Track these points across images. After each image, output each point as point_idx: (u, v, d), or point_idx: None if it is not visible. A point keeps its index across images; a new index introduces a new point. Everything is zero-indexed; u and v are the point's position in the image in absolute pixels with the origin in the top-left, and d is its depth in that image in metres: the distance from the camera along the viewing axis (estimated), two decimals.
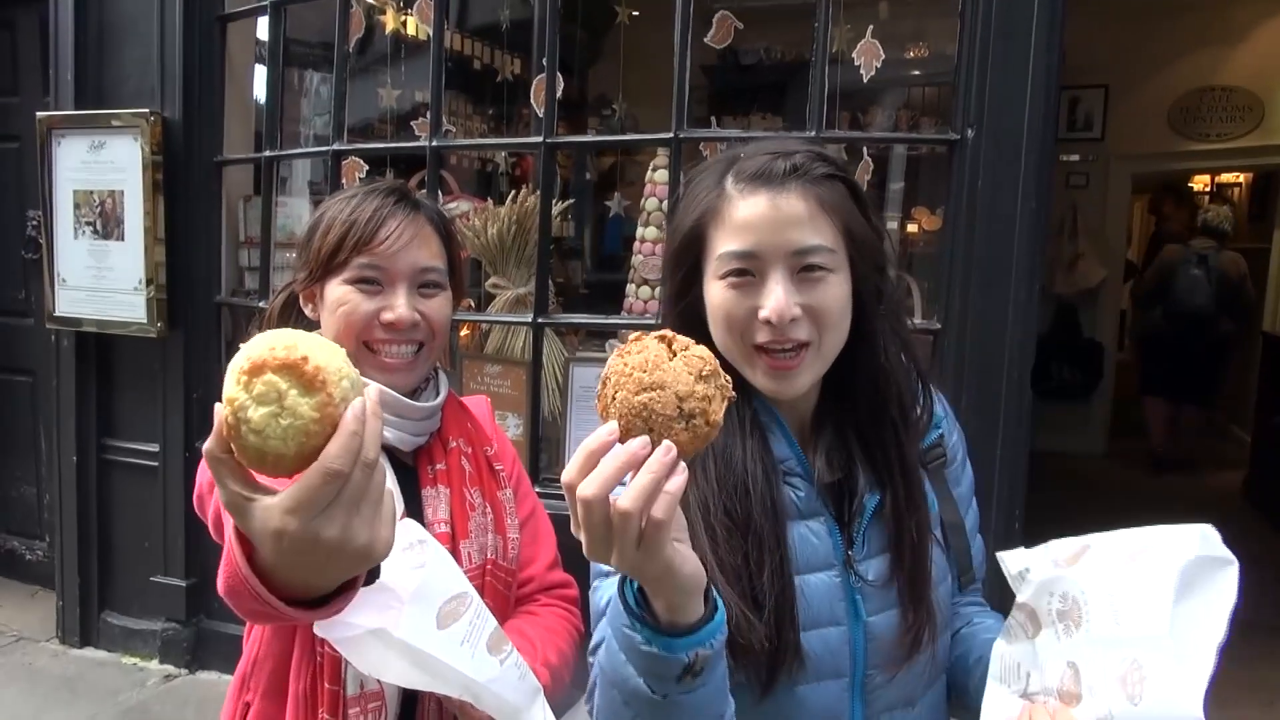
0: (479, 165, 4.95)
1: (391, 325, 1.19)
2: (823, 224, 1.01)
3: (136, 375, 3.43)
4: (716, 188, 1.05)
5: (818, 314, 1.01)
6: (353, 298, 1.19)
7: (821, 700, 1.06)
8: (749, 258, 1.01)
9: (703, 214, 1.05)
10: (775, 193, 1.00)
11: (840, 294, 1.02)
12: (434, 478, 1.26)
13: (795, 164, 1.02)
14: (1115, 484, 6.12)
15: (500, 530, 1.29)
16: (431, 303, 1.24)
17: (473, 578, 1.22)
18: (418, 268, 1.22)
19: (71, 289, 3.37)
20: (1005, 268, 2.36)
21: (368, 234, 1.18)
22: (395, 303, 1.19)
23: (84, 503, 3.50)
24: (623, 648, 0.85)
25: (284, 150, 3.25)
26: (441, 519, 1.24)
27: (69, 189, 3.35)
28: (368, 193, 1.24)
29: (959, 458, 1.21)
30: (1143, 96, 6.42)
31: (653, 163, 2.98)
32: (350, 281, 1.19)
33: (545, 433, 2.78)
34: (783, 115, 5.26)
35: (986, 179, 2.37)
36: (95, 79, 3.38)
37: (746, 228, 1.01)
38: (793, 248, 1.00)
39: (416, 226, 1.22)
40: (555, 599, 1.38)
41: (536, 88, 2.76)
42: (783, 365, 1.01)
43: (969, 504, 1.20)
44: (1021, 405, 2.40)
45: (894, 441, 1.08)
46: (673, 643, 0.82)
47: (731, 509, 1.02)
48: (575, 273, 5.31)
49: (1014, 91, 2.33)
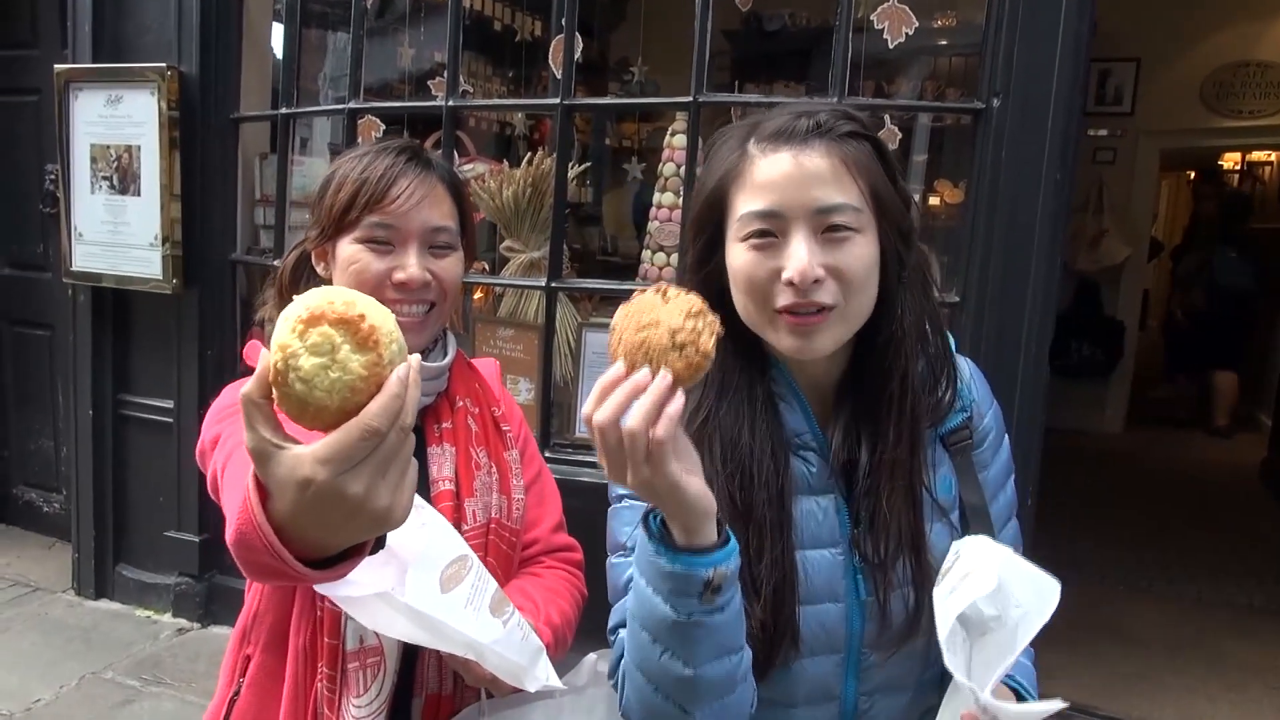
0: (497, 128, 4.91)
1: (403, 285, 1.18)
2: (847, 182, 0.98)
3: (152, 331, 3.44)
4: (739, 149, 1.02)
5: (842, 275, 0.97)
6: (363, 256, 1.18)
7: (815, 675, 1.06)
8: (771, 217, 0.98)
9: (724, 175, 1.03)
10: (798, 150, 0.98)
11: (866, 255, 0.99)
12: (440, 436, 1.26)
13: (819, 121, 0.99)
14: (1134, 463, 6.09)
15: (505, 490, 1.28)
16: (443, 263, 1.22)
17: (476, 536, 1.22)
18: (429, 227, 1.20)
19: (88, 244, 3.37)
20: (1027, 240, 2.32)
21: (379, 192, 1.17)
22: (407, 262, 1.18)
23: (100, 457, 3.53)
24: (649, 578, 0.92)
25: (300, 108, 3.22)
26: (446, 476, 1.23)
27: (86, 143, 3.35)
28: (380, 150, 1.22)
29: (989, 439, 1.16)
30: (1175, 71, 6.28)
31: (671, 127, 2.94)
32: (361, 240, 1.18)
33: (556, 397, 2.78)
34: (806, 83, 5.19)
35: (1011, 149, 2.32)
36: (113, 33, 3.36)
37: (768, 186, 0.98)
38: (816, 205, 0.97)
39: (428, 186, 1.21)
40: (559, 561, 1.38)
41: (555, 48, 2.73)
42: (805, 321, 0.98)
43: (1000, 487, 1.16)
44: (1038, 381, 2.37)
45: (890, 412, 1.04)
46: (693, 560, 0.89)
47: (733, 495, 1.02)
48: (592, 239, 5.28)
49: (1042, 59, 2.28)
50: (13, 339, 4.16)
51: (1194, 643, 3.52)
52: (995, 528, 1.14)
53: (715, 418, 1.05)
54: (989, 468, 1.15)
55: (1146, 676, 3.23)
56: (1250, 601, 3.92)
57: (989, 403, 1.18)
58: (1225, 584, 4.05)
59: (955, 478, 1.12)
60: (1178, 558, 4.35)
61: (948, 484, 1.11)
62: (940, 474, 1.10)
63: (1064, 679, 3.02)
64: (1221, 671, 3.29)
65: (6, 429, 4.21)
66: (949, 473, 1.11)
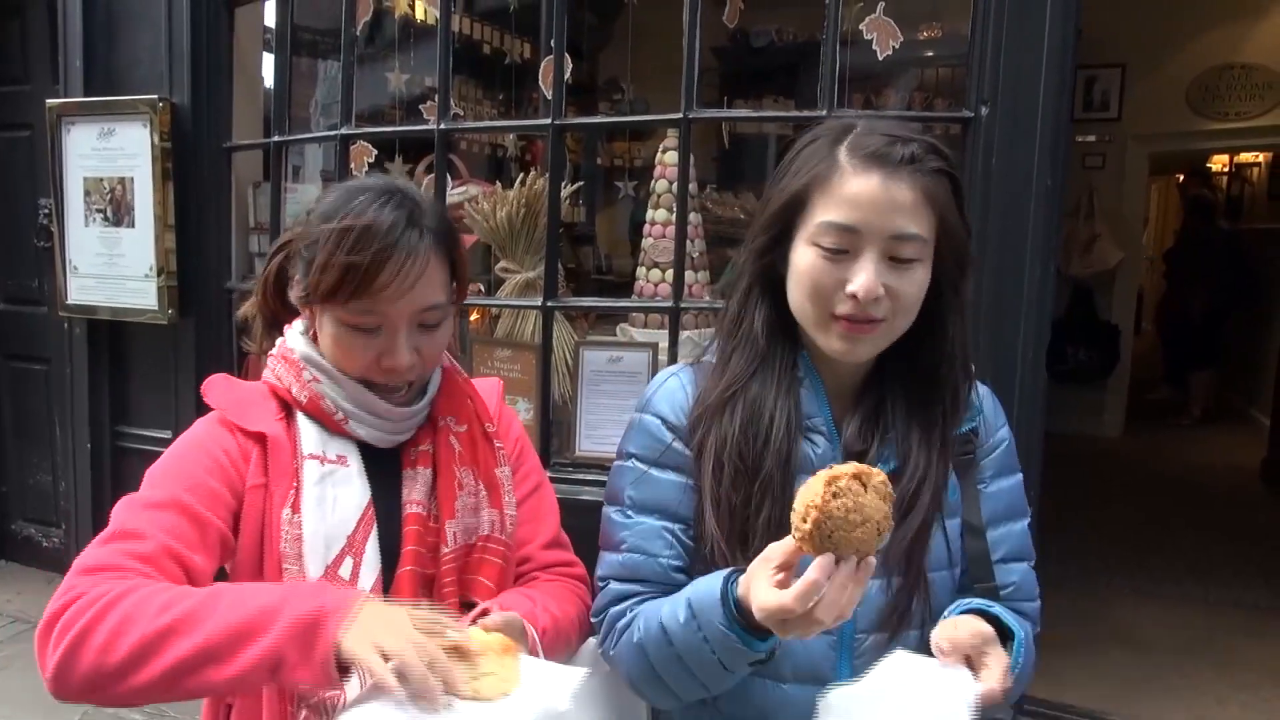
0: (489, 151, 4.94)
1: (390, 370, 1.17)
2: (923, 215, 1.05)
3: (149, 362, 3.44)
4: (829, 157, 1.07)
5: (897, 297, 1.05)
6: (350, 340, 1.15)
7: (805, 654, 1.10)
8: (849, 232, 1.05)
9: (811, 179, 1.08)
10: (888, 176, 1.04)
11: (922, 282, 1.07)
12: (415, 459, 1.25)
13: (913, 153, 1.04)
14: (1135, 466, 6.09)
15: (497, 505, 1.26)
16: (431, 337, 1.19)
17: (454, 558, 1.21)
18: (420, 308, 1.15)
19: (83, 276, 3.38)
20: (1020, 246, 2.33)
21: (367, 280, 1.10)
22: (394, 348, 1.15)
23: (99, 489, 3.52)
24: (708, 633, 1.01)
25: (292, 135, 3.23)
26: (415, 500, 1.22)
27: (79, 176, 3.35)
28: (377, 211, 1.13)
29: (995, 457, 1.20)
30: (1161, 75, 6.33)
31: (662, 144, 2.95)
32: (347, 323, 1.15)
33: (556, 416, 2.77)
34: (795, 98, 5.22)
35: (1001, 157, 2.33)
36: (104, 66, 3.38)
37: (854, 203, 1.04)
38: (892, 232, 1.04)
39: (422, 264, 1.13)
40: (557, 575, 1.34)
41: (544, 69, 2.74)
42: (858, 329, 1.06)
43: (1005, 517, 1.19)
44: (1036, 386, 2.37)
45: (937, 426, 1.11)
46: (760, 644, 0.99)
47: (745, 452, 1.09)
48: (587, 258, 5.30)
49: (1029, 66, 2.29)
50: (9, 374, 4.15)
51: (1202, 644, 3.50)
52: (993, 555, 1.16)
53: (744, 386, 1.13)
54: (988, 485, 1.18)
55: (1155, 679, 3.21)
56: (1257, 601, 3.91)
57: (1000, 426, 1.23)
58: (1232, 584, 4.04)
59: (959, 487, 1.15)
60: (1183, 559, 4.34)
61: (952, 487, 1.14)
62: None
63: (1072, 684, 3.01)
64: (1231, 672, 3.28)
65: (4, 464, 4.19)
66: (954, 478, 1.15)
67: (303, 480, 1.16)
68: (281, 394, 1.22)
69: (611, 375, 2.64)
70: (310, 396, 1.19)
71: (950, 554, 1.13)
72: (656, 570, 1.14)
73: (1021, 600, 1.17)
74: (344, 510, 1.17)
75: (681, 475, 1.15)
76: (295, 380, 1.20)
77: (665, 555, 1.14)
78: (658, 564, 1.14)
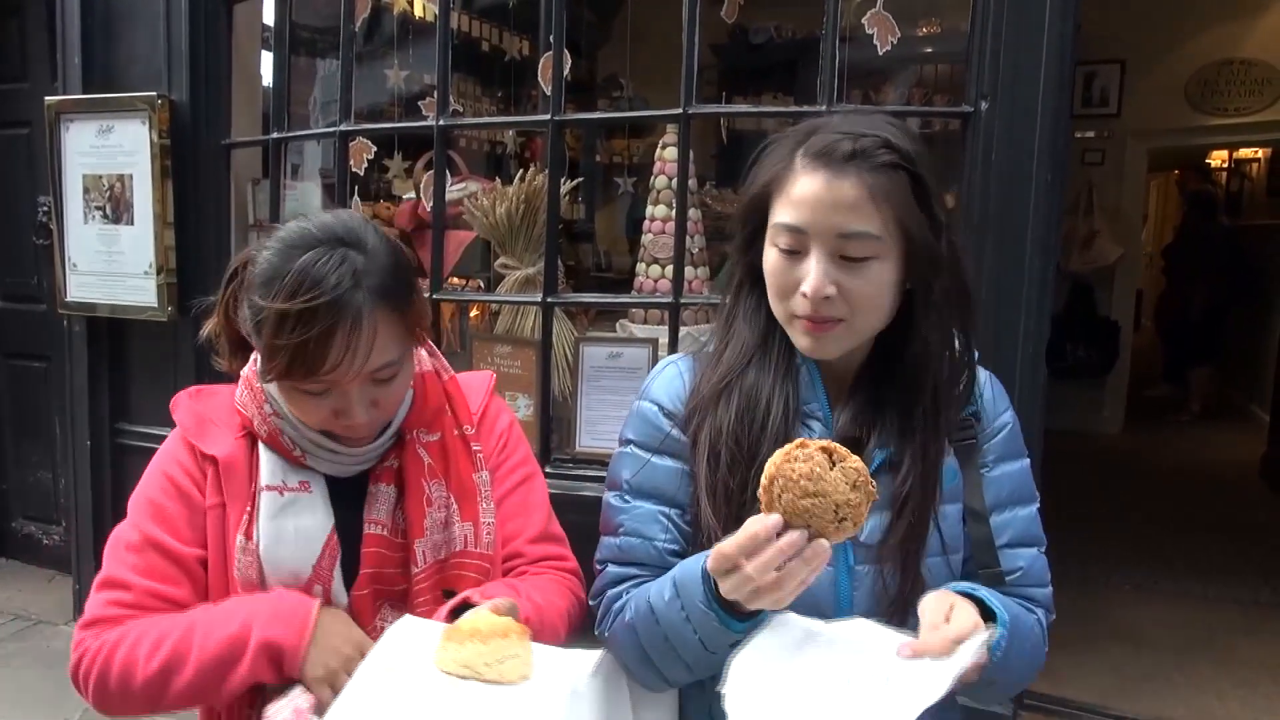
0: (488, 148, 4.94)
1: (348, 429, 1.15)
2: (870, 211, 1.03)
3: (148, 360, 3.43)
4: (787, 158, 1.08)
5: (851, 295, 1.04)
6: (306, 404, 1.12)
7: None
8: (798, 232, 1.05)
9: (769, 181, 1.09)
10: (833, 175, 1.03)
11: (880, 280, 1.05)
12: (379, 475, 1.23)
13: (859, 148, 1.03)
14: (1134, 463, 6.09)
15: (470, 517, 1.23)
16: (387, 389, 1.15)
17: (427, 576, 1.20)
18: (369, 372, 1.10)
19: (83, 274, 3.37)
20: (1020, 241, 2.33)
21: (317, 362, 1.05)
22: (349, 409, 1.11)
23: (99, 487, 3.52)
24: (690, 613, 1.03)
25: (291, 132, 3.23)
26: (375, 519, 1.21)
27: (78, 173, 3.35)
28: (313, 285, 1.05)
29: (998, 440, 1.19)
30: (1160, 71, 6.32)
31: (662, 140, 2.95)
32: (300, 391, 1.12)
33: (556, 412, 2.77)
34: (794, 95, 5.21)
35: (1001, 152, 2.33)
36: (103, 63, 3.37)
37: (801, 203, 1.05)
38: (838, 230, 1.03)
39: (370, 331, 1.07)
40: (548, 568, 1.31)
41: (544, 65, 2.74)
42: (817, 327, 1.07)
43: (1009, 503, 1.18)
44: (1036, 382, 2.37)
45: (924, 421, 1.10)
46: (737, 624, 1.00)
47: (742, 438, 1.10)
48: (586, 255, 5.30)
49: (1028, 61, 2.29)
50: (9, 372, 4.15)
51: (1202, 640, 3.51)
52: (998, 540, 1.15)
53: (739, 376, 1.14)
54: (992, 469, 1.17)
55: (1155, 675, 3.22)
56: (1257, 597, 3.91)
57: (1004, 411, 1.22)
58: (1231, 581, 4.04)
59: (960, 472, 1.15)
60: (1182, 556, 4.35)
61: (951, 472, 1.14)
62: (945, 464, 1.13)
63: (1074, 680, 3.01)
64: (1230, 668, 3.28)
65: (4, 462, 4.20)
66: (953, 463, 1.15)
67: (258, 509, 1.17)
68: (244, 419, 1.21)
69: (611, 371, 2.64)
70: (270, 431, 1.19)
71: (945, 541, 1.12)
72: (652, 554, 1.15)
73: (1030, 586, 1.17)
74: (307, 539, 1.18)
75: (678, 461, 1.16)
76: (257, 412, 1.19)
77: (661, 539, 1.15)
78: (654, 548, 1.15)
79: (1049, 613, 1.19)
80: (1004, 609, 1.05)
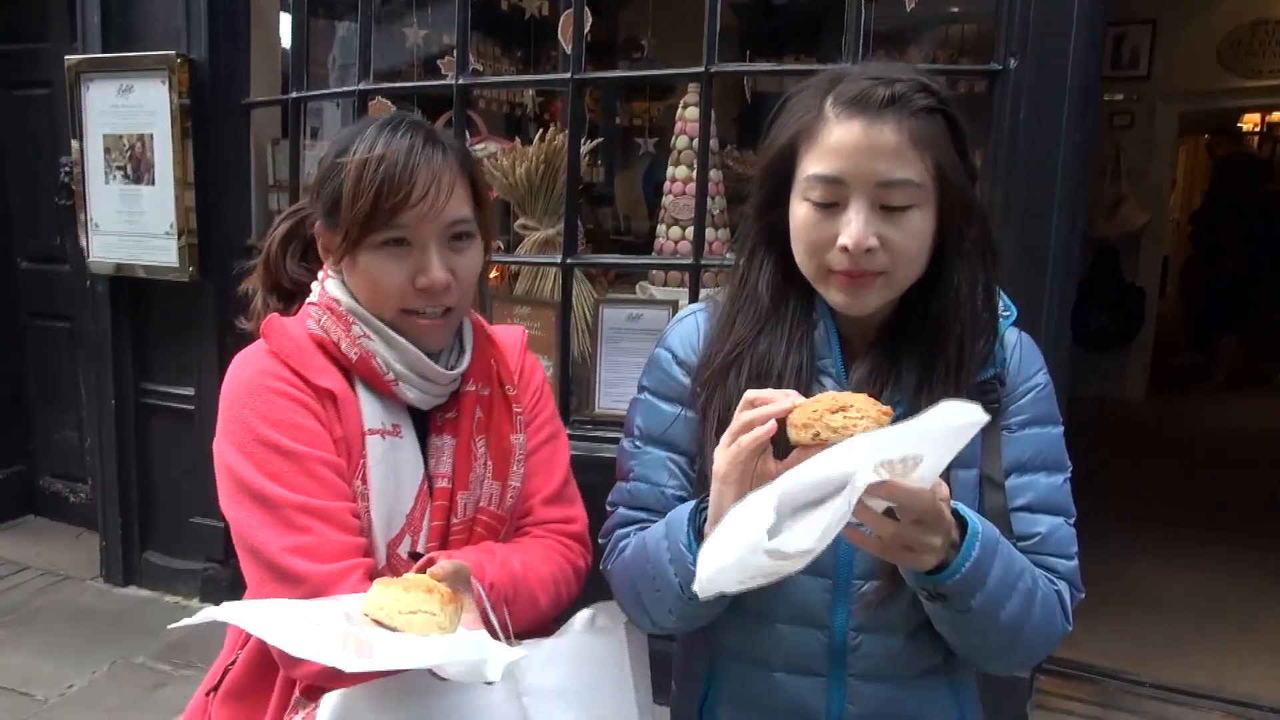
0: (507, 109, 4.90)
1: (425, 290, 1.14)
2: (912, 158, 0.99)
3: (171, 319, 3.46)
4: (815, 108, 1.04)
5: (894, 247, 1.01)
6: (386, 265, 1.13)
7: (801, 596, 1.09)
8: (835, 183, 1.01)
9: (797, 132, 1.05)
10: (870, 121, 0.99)
11: (920, 229, 1.02)
12: (441, 426, 1.22)
13: (895, 93, 0.99)
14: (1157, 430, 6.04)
15: (501, 477, 1.23)
16: (463, 257, 1.17)
17: (460, 530, 1.20)
18: (448, 221, 1.14)
19: (105, 234, 3.39)
20: (1047, 202, 2.29)
21: (399, 197, 1.10)
22: (428, 265, 1.13)
23: (123, 446, 3.56)
24: (673, 555, 1.03)
25: (310, 91, 3.21)
26: (443, 473, 1.20)
27: (99, 134, 3.35)
28: (389, 133, 1.13)
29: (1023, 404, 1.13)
30: (1192, 32, 6.17)
31: (684, 100, 2.92)
32: (380, 245, 1.12)
33: (575, 374, 2.77)
34: (817, 56, 5.13)
35: (1029, 111, 2.29)
36: (122, 22, 3.36)
37: (837, 153, 1.01)
38: (879, 179, 0.99)
39: (450, 178, 1.13)
40: (549, 532, 1.30)
41: (564, 23, 2.70)
42: (856, 281, 1.03)
43: (1029, 467, 1.12)
44: (1060, 347, 2.35)
45: (944, 376, 1.07)
46: None
47: None
48: (605, 219, 5.27)
49: (1059, 18, 2.24)
50: (33, 332, 4.19)
51: (1223, 606, 3.50)
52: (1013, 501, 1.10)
53: (750, 346, 1.11)
54: (1015, 431, 1.12)
55: (1177, 641, 3.21)
56: (1278, 564, 3.89)
57: (1036, 373, 1.15)
58: (1253, 547, 4.02)
59: (979, 438, 1.06)
60: (1204, 522, 4.32)
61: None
62: None
63: (1093, 645, 3.01)
64: (1252, 634, 3.27)
65: (31, 421, 4.25)
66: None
67: (368, 454, 1.15)
68: (329, 348, 1.17)
69: (631, 332, 2.64)
70: (361, 355, 1.15)
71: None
72: (660, 499, 1.16)
73: (1050, 554, 1.11)
74: (404, 486, 1.17)
75: (688, 410, 1.16)
76: (344, 335, 1.16)
77: (670, 486, 1.16)
78: (662, 493, 1.16)
79: (1075, 588, 1.13)
80: (980, 523, 0.97)
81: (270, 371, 1.14)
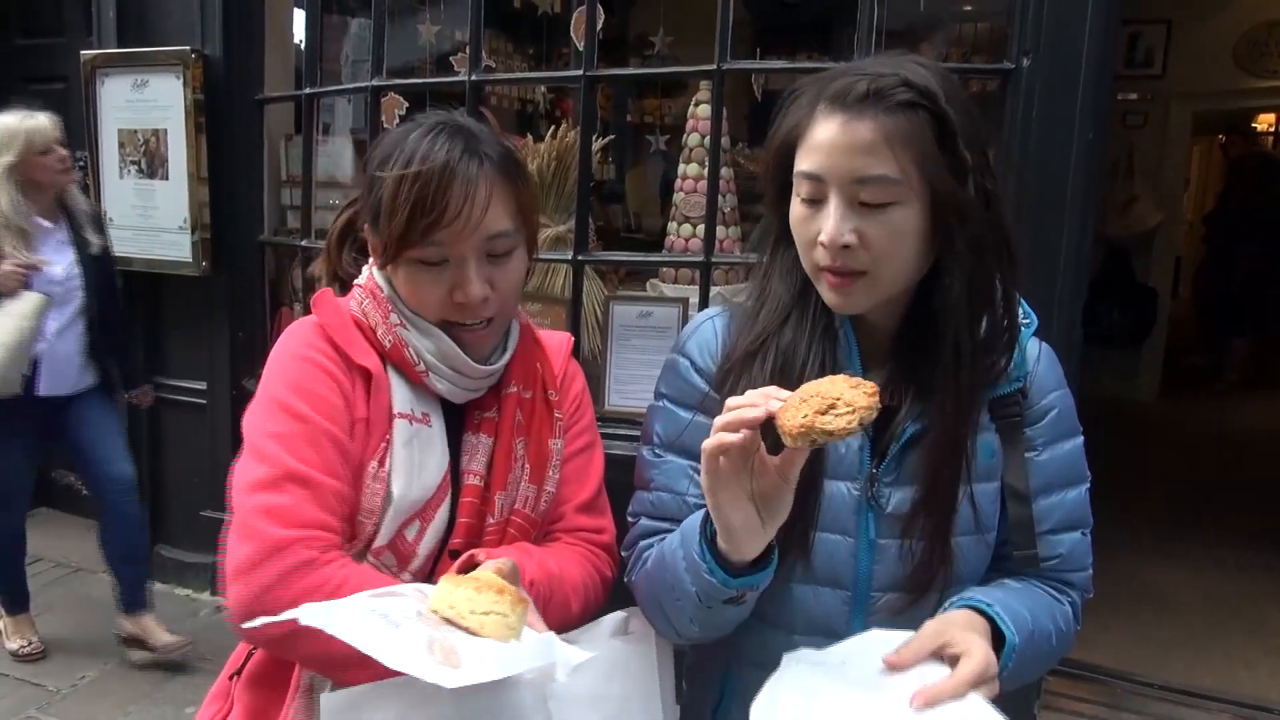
0: (519, 107, 4.91)
1: (463, 305, 1.13)
2: (888, 154, 0.96)
3: (184, 314, 3.48)
4: (809, 105, 1.03)
5: (873, 244, 0.99)
6: (423, 280, 1.13)
7: (819, 607, 1.10)
8: (816, 180, 1.00)
9: (793, 128, 1.04)
10: (849, 117, 0.98)
11: (902, 227, 0.99)
12: (479, 424, 1.22)
13: (874, 88, 0.97)
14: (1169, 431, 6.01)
15: (537, 481, 1.24)
16: (503, 269, 1.15)
17: (494, 531, 1.20)
18: (485, 236, 1.12)
19: (119, 228, 3.40)
20: (1059, 201, 2.29)
21: (435, 216, 1.08)
22: (465, 280, 1.12)
23: (135, 439, 3.57)
24: (687, 563, 1.02)
25: (324, 87, 3.23)
26: (475, 470, 1.20)
27: (114, 128, 3.38)
28: (429, 147, 1.11)
29: (1046, 421, 1.13)
30: (1207, 31, 6.14)
31: (695, 97, 2.93)
32: (418, 261, 1.12)
33: (585, 371, 2.76)
34: (829, 54, 5.12)
35: (1042, 109, 2.28)
36: (137, 17, 3.39)
37: (818, 149, 1.00)
38: (854, 175, 0.98)
39: (485, 192, 1.10)
40: (580, 540, 1.30)
41: (577, 20, 2.71)
42: (840, 282, 1.02)
43: (1055, 486, 1.12)
44: (1071, 346, 2.34)
45: (944, 383, 1.04)
46: (728, 579, 0.99)
47: None
48: (616, 217, 5.27)
49: (1073, 17, 2.23)
50: None
51: (1233, 608, 3.48)
52: (1042, 525, 1.11)
53: (775, 336, 1.10)
54: (1040, 452, 1.12)
55: (1185, 643, 3.20)
56: None
57: (1057, 389, 1.15)
58: (1264, 549, 4.00)
59: (1001, 449, 1.10)
60: (1215, 523, 4.30)
61: (989, 450, 1.09)
62: (982, 439, 1.08)
63: (1102, 646, 3.00)
64: (1261, 637, 3.26)
65: None
66: (992, 440, 1.10)
67: (393, 438, 1.15)
68: (366, 331, 1.18)
69: (641, 330, 2.64)
70: (394, 342, 1.16)
71: (979, 519, 1.08)
72: (683, 507, 1.14)
73: (1068, 570, 1.13)
74: (427, 475, 1.16)
75: (707, 417, 1.12)
76: (382, 321, 1.17)
77: (692, 494, 1.14)
78: (684, 501, 1.14)
79: (1085, 593, 1.15)
80: (1015, 631, 1.01)
81: (311, 343, 1.16)
